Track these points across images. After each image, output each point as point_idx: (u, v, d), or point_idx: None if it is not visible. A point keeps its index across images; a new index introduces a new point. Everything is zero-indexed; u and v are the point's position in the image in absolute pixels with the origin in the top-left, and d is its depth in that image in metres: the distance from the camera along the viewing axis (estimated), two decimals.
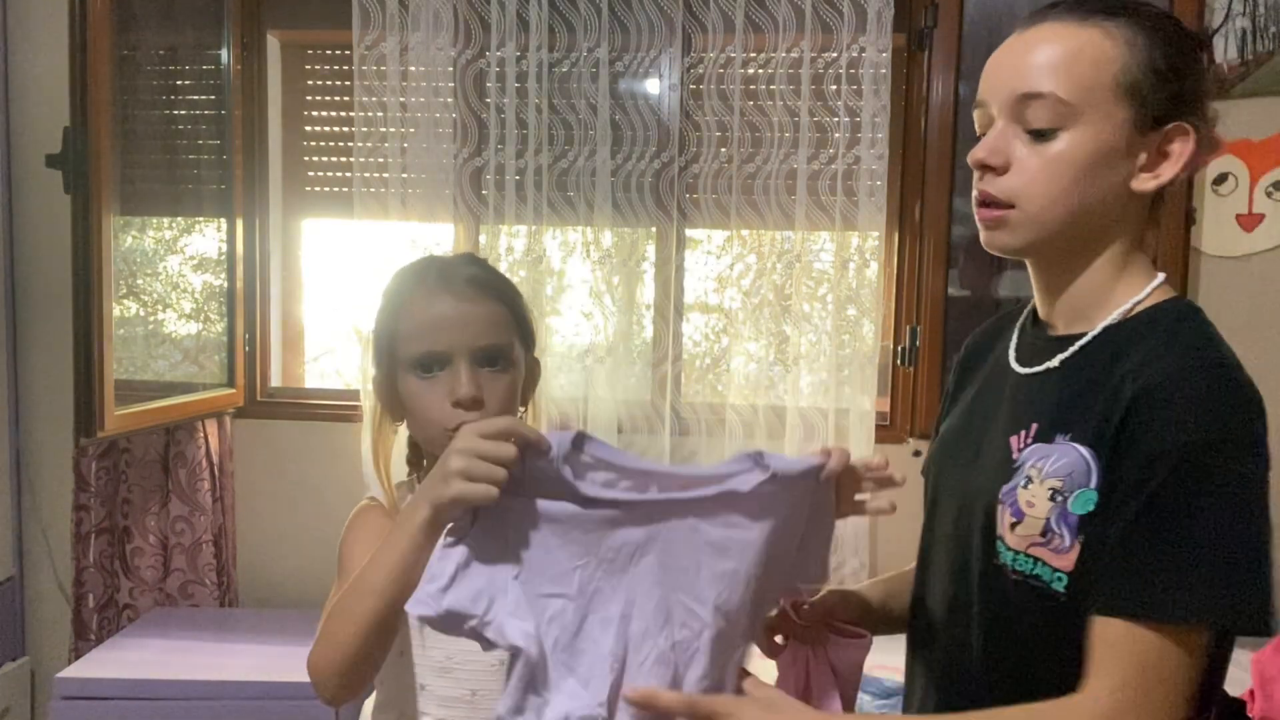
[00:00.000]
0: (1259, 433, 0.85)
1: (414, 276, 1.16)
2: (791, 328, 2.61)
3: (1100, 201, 0.91)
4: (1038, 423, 0.93)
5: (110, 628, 2.73)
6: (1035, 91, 0.92)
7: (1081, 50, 0.91)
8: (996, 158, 0.93)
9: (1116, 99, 0.90)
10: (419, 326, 1.12)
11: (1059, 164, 0.91)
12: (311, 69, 2.91)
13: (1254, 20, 2.44)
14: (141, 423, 2.47)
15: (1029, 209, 0.92)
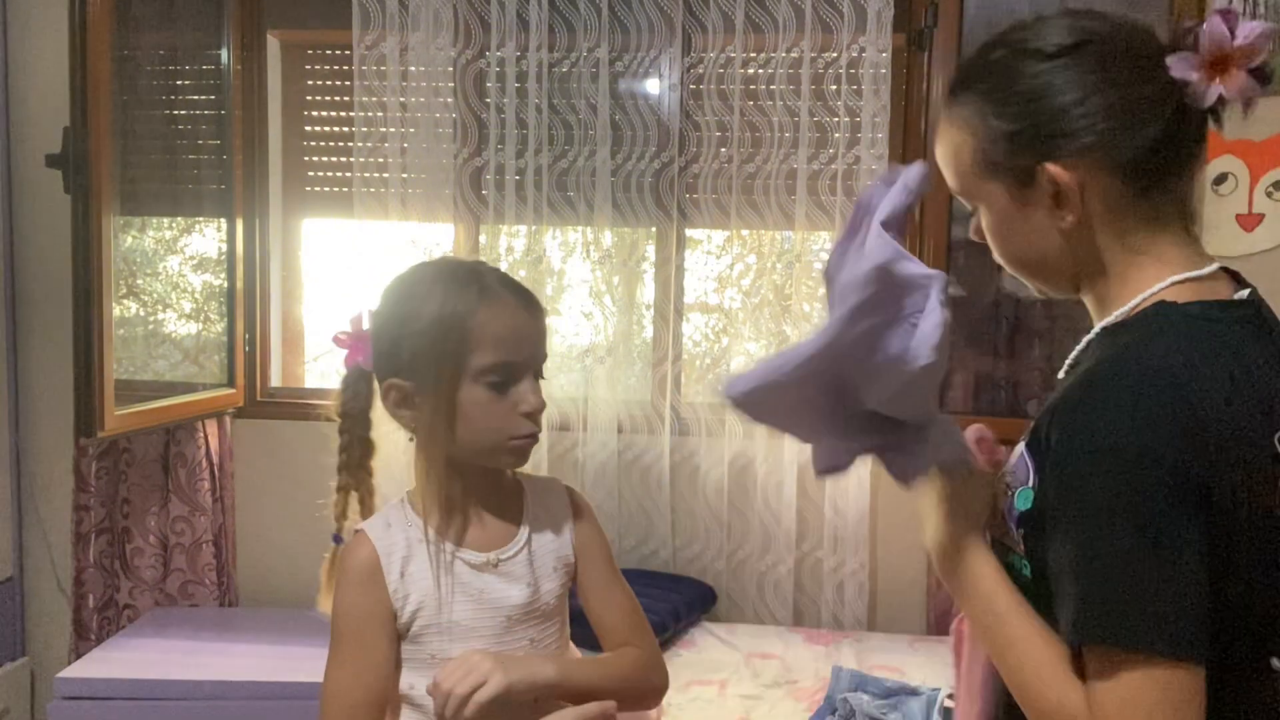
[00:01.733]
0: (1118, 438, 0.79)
1: (472, 285, 1.11)
2: (791, 328, 2.61)
3: (1042, 245, 0.94)
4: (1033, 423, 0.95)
5: (110, 628, 2.73)
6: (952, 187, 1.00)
7: (947, 147, 0.97)
8: (973, 234, 1.03)
9: (983, 178, 0.94)
10: (496, 337, 1.09)
11: (989, 234, 0.98)
12: (311, 69, 2.91)
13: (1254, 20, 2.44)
14: (141, 423, 2.47)
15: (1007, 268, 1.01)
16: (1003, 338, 2.63)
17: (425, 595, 1.13)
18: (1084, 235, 0.91)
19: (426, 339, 1.10)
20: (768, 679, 2.24)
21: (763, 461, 2.62)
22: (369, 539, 1.15)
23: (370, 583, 1.12)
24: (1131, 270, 0.91)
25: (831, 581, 2.62)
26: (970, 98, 0.94)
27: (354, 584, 1.12)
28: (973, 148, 0.93)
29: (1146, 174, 0.88)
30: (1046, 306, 2.60)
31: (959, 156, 0.95)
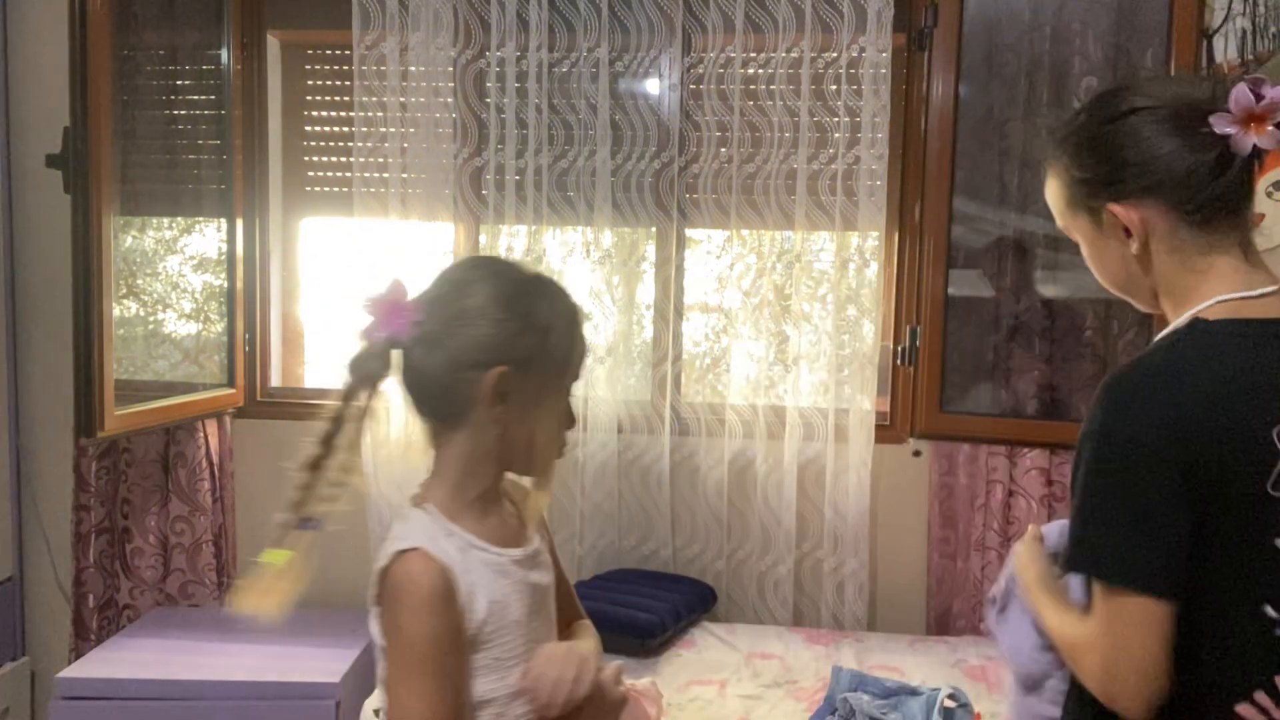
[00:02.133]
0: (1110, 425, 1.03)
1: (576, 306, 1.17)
2: (791, 328, 2.61)
3: (1124, 269, 1.15)
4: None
5: (110, 628, 2.73)
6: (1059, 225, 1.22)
7: (1049, 192, 1.21)
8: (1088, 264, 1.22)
9: (1073, 213, 1.17)
10: (581, 354, 1.17)
11: (1087, 261, 1.20)
12: (311, 69, 2.91)
13: (1254, 20, 2.44)
14: (141, 423, 2.47)
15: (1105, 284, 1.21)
16: (1003, 339, 2.63)
17: (490, 602, 1.11)
18: (1151, 261, 1.11)
19: (561, 340, 1.12)
20: (768, 679, 2.24)
21: (763, 461, 2.62)
22: (434, 559, 1.09)
23: (447, 607, 1.07)
24: (1190, 291, 1.10)
25: (831, 581, 2.62)
26: (1059, 152, 1.17)
27: (432, 608, 1.07)
28: (1059, 192, 1.18)
29: (1200, 209, 1.07)
30: (1047, 308, 2.60)
31: (1056, 198, 1.19)
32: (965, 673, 2.27)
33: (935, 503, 2.63)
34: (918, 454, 2.68)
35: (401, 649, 1.07)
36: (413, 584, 1.07)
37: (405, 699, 1.05)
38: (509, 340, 1.09)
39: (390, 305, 1.15)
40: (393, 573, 1.09)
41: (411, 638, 1.06)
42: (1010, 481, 2.55)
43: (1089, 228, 1.15)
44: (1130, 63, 2.50)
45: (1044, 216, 2.57)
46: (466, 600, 1.09)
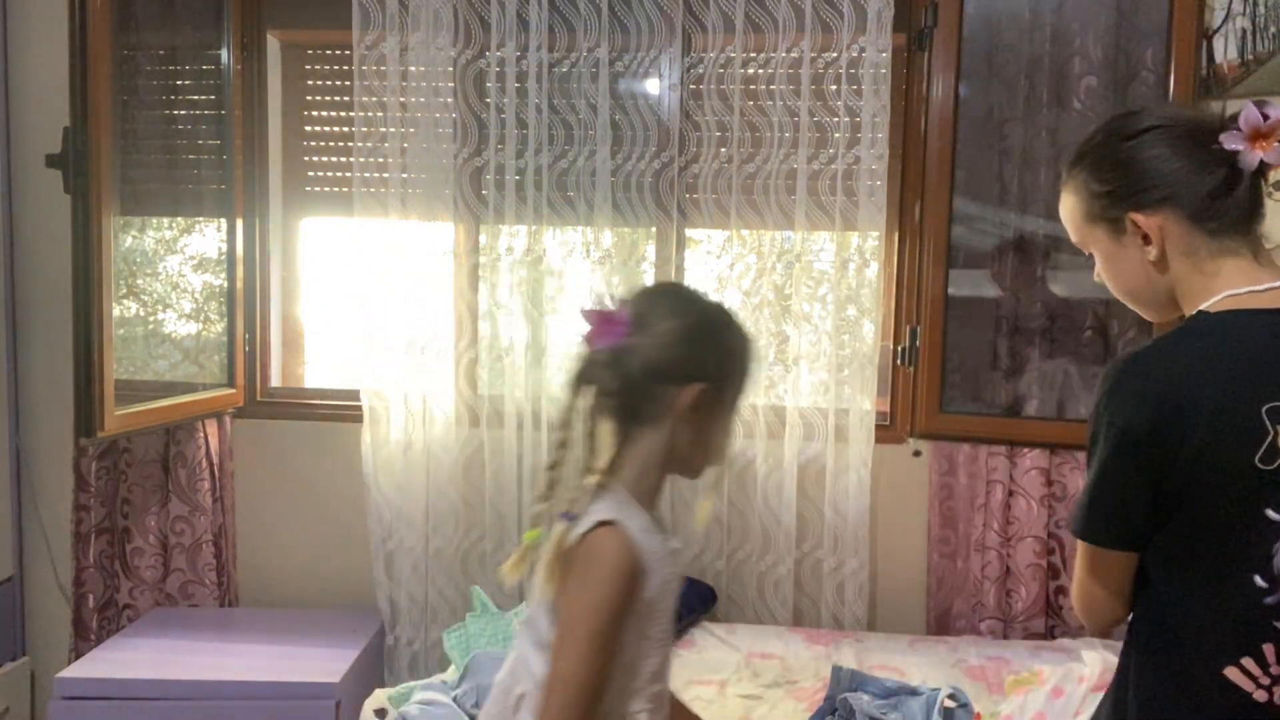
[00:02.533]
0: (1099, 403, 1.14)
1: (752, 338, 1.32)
2: (791, 328, 2.61)
3: (1145, 282, 1.22)
4: None
5: (110, 628, 2.73)
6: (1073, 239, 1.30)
7: (1065, 209, 1.29)
8: (1097, 278, 1.29)
9: (1091, 226, 1.25)
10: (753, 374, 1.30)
11: (1103, 274, 1.28)
12: (311, 69, 2.91)
13: (1254, 20, 2.44)
14: (141, 423, 2.47)
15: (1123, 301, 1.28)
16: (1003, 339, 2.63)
17: (662, 582, 1.22)
18: (1167, 265, 1.19)
19: (742, 361, 1.28)
20: (768, 679, 2.24)
21: (763, 461, 2.62)
22: (629, 537, 1.18)
23: (632, 584, 1.17)
24: (1201, 290, 1.17)
25: (831, 581, 2.62)
26: (1078, 170, 1.25)
27: (619, 582, 1.16)
28: (1077, 207, 1.25)
29: (1211, 217, 1.16)
30: (1047, 308, 2.60)
31: (1073, 214, 1.27)
32: (965, 673, 2.27)
33: (935, 503, 2.63)
34: (918, 454, 2.68)
35: (582, 613, 1.16)
36: (609, 555, 1.17)
37: (572, 660, 1.14)
38: (708, 361, 1.24)
39: (606, 318, 1.28)
40: (591, 540, 1.18)
41: (596, 604, 1.15)
42: (1010, 481, 2.55)
43: (1107, 239, 1.23)
44: (1130, 63, 2.50)
45: (1044, 216, 2.57)
46: (646, 580, 1.19)
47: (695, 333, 1.24)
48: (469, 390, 2.71)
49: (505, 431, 2.65)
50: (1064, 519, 2.54)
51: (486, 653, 2.16)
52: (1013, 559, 2.55)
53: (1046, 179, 2.56)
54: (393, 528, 2.68)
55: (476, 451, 2.69)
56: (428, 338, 2.67)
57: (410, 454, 2.67)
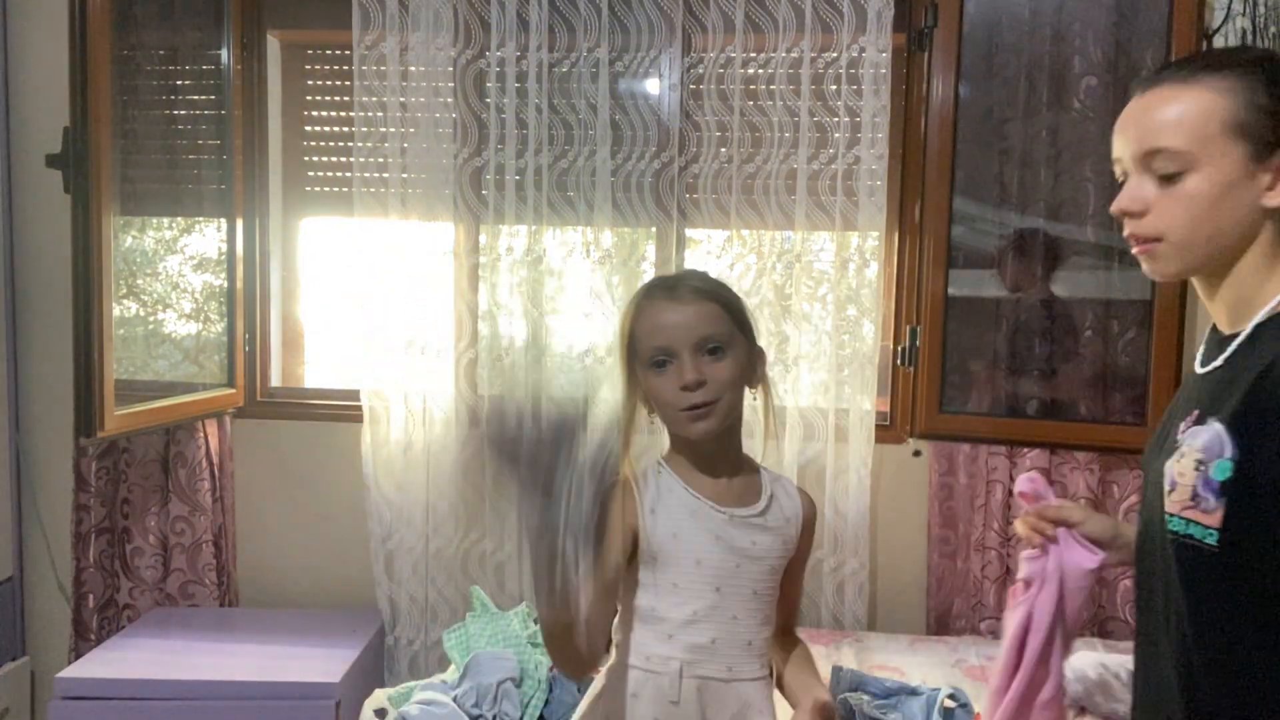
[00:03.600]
0: None
1: (645, 292, 1.40)
2: (792, 328, 2.61)
3: (1236, 223, 1.09)
4: (1200, 409, 1.10)
5: (110, 628, 2.73)
6: (1155, 148, 1.10)
7: (1190, 106, 1.09)
8: (1135, 204, 1.12)
9: (1228, 140, 1.07)
10: (647, 331, 1.35)
11: (1190, 201, 1.09)
12: (311, 69, 2.91)
13: (1254, 20, 2.44)
14: (141, 423, 2.47)
15: (1174, 239, 1.11)
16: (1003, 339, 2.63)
17: (673, 531, 1.34)
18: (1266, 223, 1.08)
19: (620, 344, 1.40)
20: None
21: (762, 461, 2.61)
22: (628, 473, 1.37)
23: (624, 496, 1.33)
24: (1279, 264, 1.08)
25: (831, 581, 2.62)
26: (1237, 72, 1.08)
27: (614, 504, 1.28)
28: (1229, 110, 1.07)
29: None
30: (1047, 308, 2.60)
31: (1207, 116, 1.08)
32: (965, 673, 2.27)
33: (935, 503, 2.63)
34: (918, 454, 2.68)
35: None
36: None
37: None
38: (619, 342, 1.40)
39: None
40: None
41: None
42: (1010, 481, 2.55)
43: (1238, 162, 1.07)
44: (1130, 63, 2.50)
45: (1044, 217, 2.57)
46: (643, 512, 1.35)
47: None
48: (469, 390, 2.71)
49: None
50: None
51: (486, 653, 2.16)
52: (1013, 559, 2.55)
53: (1046, 179, 2.56)
54: (393, 528, 2.68)
55: (476, 451, 2.69)
56: (428, 338, 2.67)
57: (410, 454, 2.67)
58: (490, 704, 2.02)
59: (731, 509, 1.38)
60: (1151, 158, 1.10)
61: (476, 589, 2.45)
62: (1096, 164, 2.53)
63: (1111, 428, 2.53)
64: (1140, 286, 2.53)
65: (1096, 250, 2.56)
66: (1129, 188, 1.14)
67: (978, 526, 2.57)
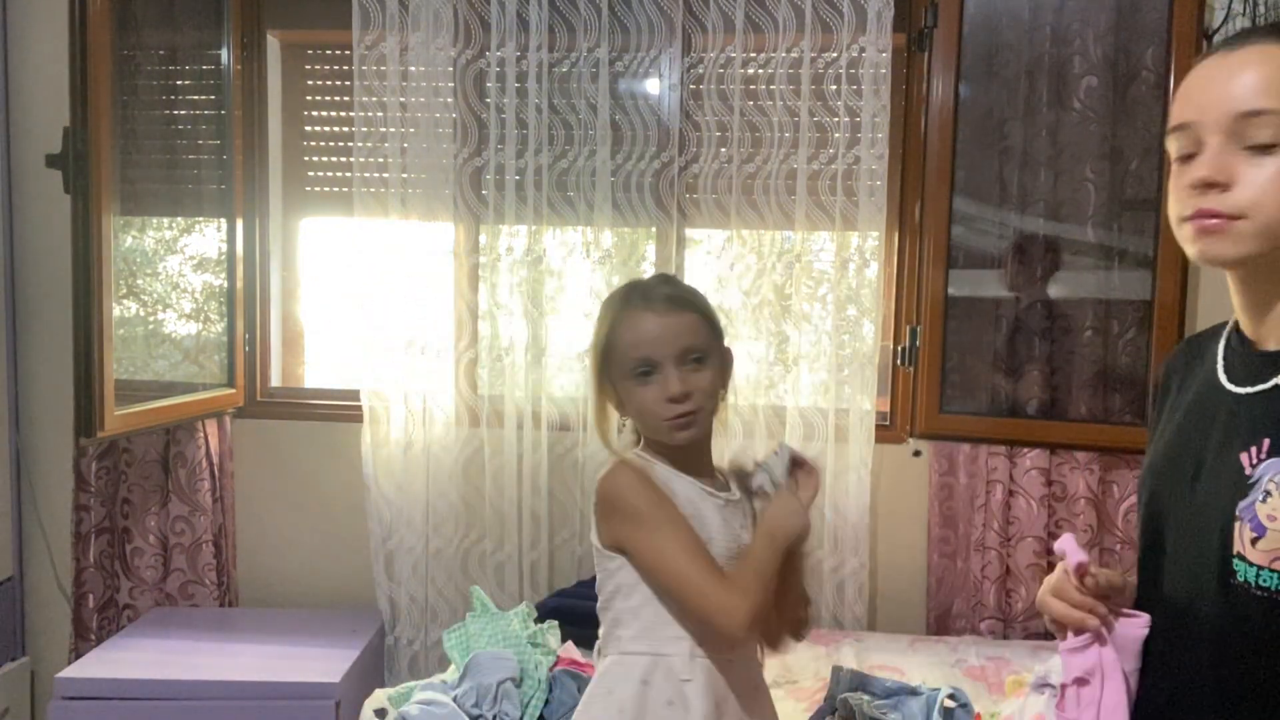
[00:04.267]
0: None
1: (620, 302, 1.39)
2: (791, 328, 2.61)
3: None
4: (1270, 438, 0.94)
5: (110, 628, 2.73)
6: (1256, 109, 0.94)
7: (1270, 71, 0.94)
8: (1222, 174, 0.95)
9: None
10: (629, 342, 1.35)
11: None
12: (311, 69, 2.91)
13: (1254, 20, 2.44)
14: (141, 423, 2.47)
15: (1260, 219, 0.95)
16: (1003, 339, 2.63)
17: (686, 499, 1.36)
18: None
19: (594, 355, 1.40)
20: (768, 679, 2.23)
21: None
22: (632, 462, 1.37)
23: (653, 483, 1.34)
24: None
25: (831, 581, 2.62)
26: None
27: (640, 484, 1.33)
28: None
29: None
30: (1047, 308, 2.60)
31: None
32: (965, 673, 2.27)
33: (935, 503, 2.63)
34: (918, 454, 2.68)
35: (636, 520, 1.32)
36: (619, 476, 1.35)
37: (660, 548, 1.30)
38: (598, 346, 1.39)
39: None
40: (603, 481, 1.36)
41: (639, 507, 1.32)
42: (1010, 481, 2.55)
43: None
44: (1130, 63, 2.50)
45: (1044, 216, 2.57)
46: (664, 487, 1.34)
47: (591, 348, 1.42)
48: (469, 390, 2.71)
49: (505, 431, 2.65)
50: (1064, 519, 2.53)
51: (486, 653, 2.16)
52: (1013, 559, 2.55)
53: (1046, 179, 2.56)
54: (393, 528, 2.68)
55: (476, 451, 2.69)
56: (428, 338, 2.67)
57: (410, 454, 2.67)
58: (490, 704, 2.02)
59: (725, 494, 1.41)
60: (1245, 123, 0.94)
61: (476, 589, 2.45)
62: (1096, 164, 2.53)
63: (1111, 428, 2.53)
64: (1140, 286, 2.53)
65: (1097, 250, 2.56)
66: (1209, 157, 0.96)
67: (978, 526, 2.57)
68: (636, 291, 1.40)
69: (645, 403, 1.35)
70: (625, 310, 1.37)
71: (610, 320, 1.38)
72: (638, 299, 1.38)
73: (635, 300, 1.38)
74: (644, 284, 1.43)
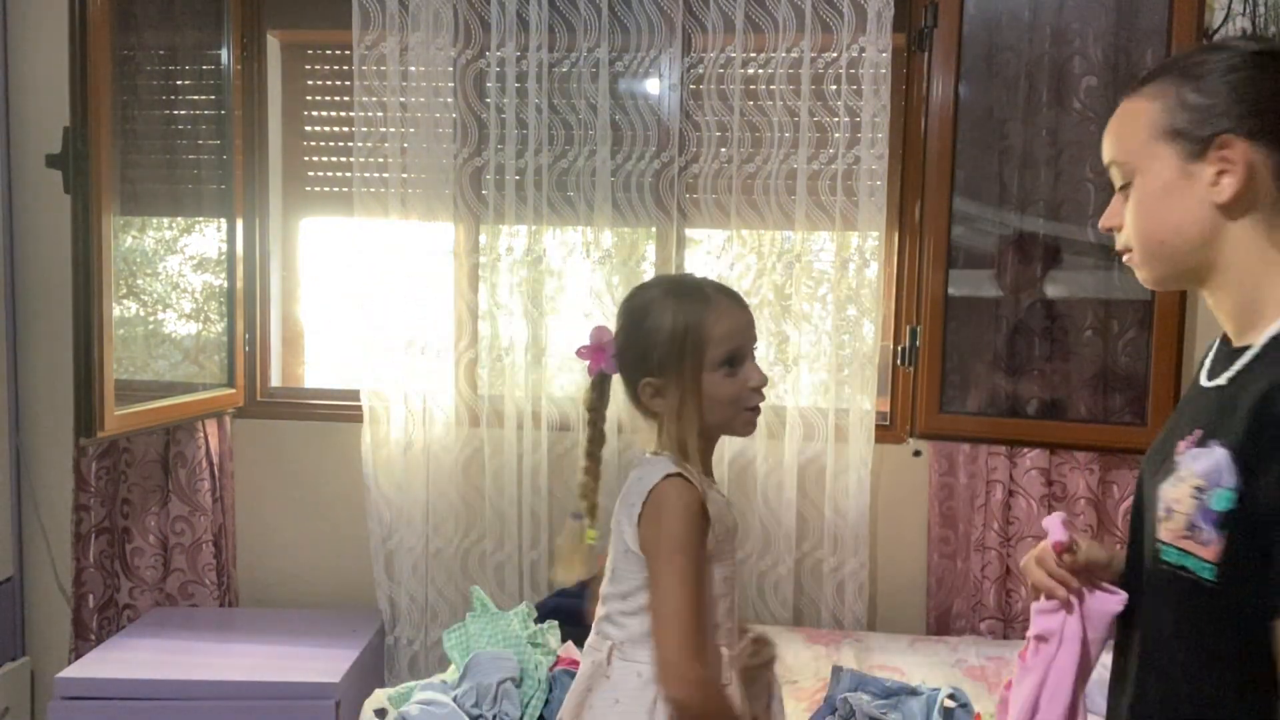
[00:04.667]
0: None
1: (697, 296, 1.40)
2: (791, 328, 2.61)
3: (1190, 224, 1.05)
4: (1202, 429, 1.02)
5: (110, 628, 2.73)
6: (1108, 162, 1.13)
7: (1123, 118, 1.11)
8: (1112, 219, 1.14)
9: (1157, 142, 1.06)
10: (723, 333, 1.38)
11: (1137, 207, 1.09)
12: (311, 69, 2.91)
13: (1254, 20, 2.44)
14: (141, 423, 2.47)
15: (1138, 249, 1.11)
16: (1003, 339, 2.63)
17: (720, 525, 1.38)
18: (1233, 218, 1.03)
19: (669, 344, 1.38)
20: None
21: (763, 461, 2.62)
22: (692, 483, 1.36)
23: (703, 521, 1.35)
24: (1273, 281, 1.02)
25: (831, 581, 2.62)
26: (1166, 77, 1.08)
27: (692, 518, 1.34)
28: (1155, 115, 1.07)
29: None
30: (1047, 308, 2.60)
31: (1135, 122, 1.08)
32: (965, 673, 2.27)
33: (935, 503, 2.63)
34: (918, 454, 2.68)
35: (670, 554, 1.32)
36: (679, 498, 1.35)
37: (674, 587, 1.31)
38: (645, 358, 1.40)
39: (594, 350, 1.48)
40: (662, 489, 1.36)
41: (680, 542, 1.33)
42: (1010, 481, 2.56)
43: (1172, 162, 1.05)
44: (1130, 63, 2.50)
45: (1044, 216, 2.57)
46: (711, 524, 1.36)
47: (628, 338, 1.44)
48: (469, 390, 2.71)
49: (505, 431, 2.65)
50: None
51: (486, 653, 2.16)
52: (1013, 559, 2.55)
53: (1046, 179, 2.56)
54: (393, 528, 2.68)
55: (476, 451, 2.69)
56: (428, 338, 2.67)
57: (410, 454, 2.67)
58: (490, 704, 2.02)
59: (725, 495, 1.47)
60: (1110, 172, 1.13)
61: (476, 589, 2.45)
62: (1096, 164, 2.52)
63: (1111, 428, 2.53)
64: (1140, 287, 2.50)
65: (1096, 250, 2.56)
66: (1110, 205, 1.15)
67: (978, 526, 2.57)
68: (716, 287, 1.45)
69: (732, 390, 1.39)
70: (714, 302, 1.40)
71: (703, 310, 1.39)
72: (724, 294, 1.43)
73: (722, 294, 1.43)
74: (709, 281, 1.47)
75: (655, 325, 1.40)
